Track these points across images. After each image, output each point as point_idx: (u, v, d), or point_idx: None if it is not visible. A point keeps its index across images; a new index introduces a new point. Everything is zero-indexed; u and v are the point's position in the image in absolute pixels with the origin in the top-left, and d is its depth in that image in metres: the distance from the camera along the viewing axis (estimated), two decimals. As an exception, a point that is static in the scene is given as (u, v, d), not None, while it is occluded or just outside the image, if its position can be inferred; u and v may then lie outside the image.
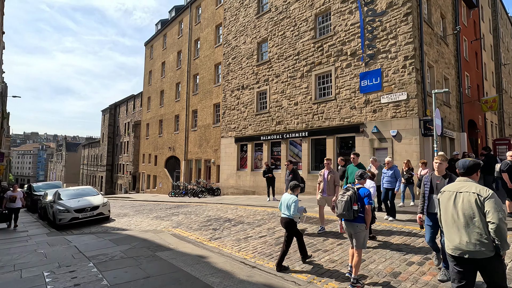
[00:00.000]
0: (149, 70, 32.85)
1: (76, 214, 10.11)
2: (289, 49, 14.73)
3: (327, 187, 6.63)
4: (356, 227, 4.07)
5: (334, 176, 6.65)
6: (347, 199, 4.05)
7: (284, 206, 4.89)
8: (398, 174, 7.22)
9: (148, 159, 31.06)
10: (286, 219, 4.84)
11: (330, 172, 6.69)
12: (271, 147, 15.64)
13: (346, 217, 4.06)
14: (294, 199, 4.81)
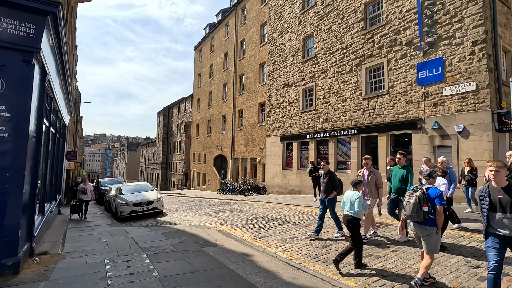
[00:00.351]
0: (198, 73, 34.46)
1: (134, 207, 11.01)
2: (336, 43, 14.07)
3: (368, 189, 5.98)
4: (425, 230, 3.72)
5: (376, 177, 6.00)
6: (415, 200, 3.67)
7: (347, 203, 4.74)
8: (454, 176, 6.25)
9: (198, 157, 32.62)
10: (349, 217, 4.65)
11: (370, 173, 6.06)
12: (318, 145, 15.13)
13: (416, 219, 3.71)
14: (358, 195, 4.66)
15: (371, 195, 6.00)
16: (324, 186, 6.50)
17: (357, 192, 4.74)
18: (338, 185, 6.54)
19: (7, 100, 4.23)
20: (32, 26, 4.26)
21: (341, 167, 13.73)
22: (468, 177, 7.46)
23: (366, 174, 6.07)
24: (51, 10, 4.37)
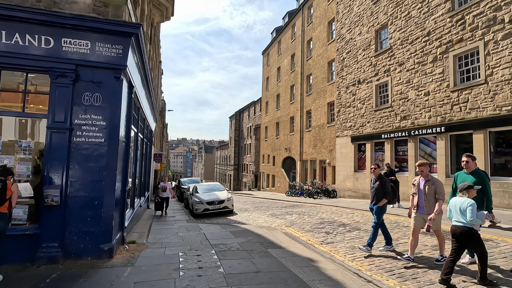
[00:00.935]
0: (266, 76, 35.26)
1: (208, 206, 11.85)
2: (416, 31, 12.51)
3: (426, 201, 4.90)
4: None
5: (435, 187, 4.83)
6: None
7: (457, 211, 4.07)
8: None
9: (267, 159, 33.29)
10: (462, 228, 3.95)
11: (428, 181, 4.90)
12: (395, 146, 13.68)
13: None
14: (469, 202, 3.93)
15: (429, 208, 4.86)
16: (374, 192, 5.79)
17: (468, 199, 4.00)
18: (390, 192, 5.76)
19: (103, 111, 5.05)
20: (119, 47, 5.00)
21: (424, 170, 12.07)
22: None
23: (422, 183, 5.00)
24: (134, 32, 5.06)
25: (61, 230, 4.78)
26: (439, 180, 5.00)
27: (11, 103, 5.18)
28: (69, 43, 4.83)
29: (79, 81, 4.96)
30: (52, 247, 4.70)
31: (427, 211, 4.84)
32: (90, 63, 4.94)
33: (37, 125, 5.23)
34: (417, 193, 5.05)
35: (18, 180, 4.94)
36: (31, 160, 5.05)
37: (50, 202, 4.70)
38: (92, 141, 4.99)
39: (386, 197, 5.67)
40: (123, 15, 5.20)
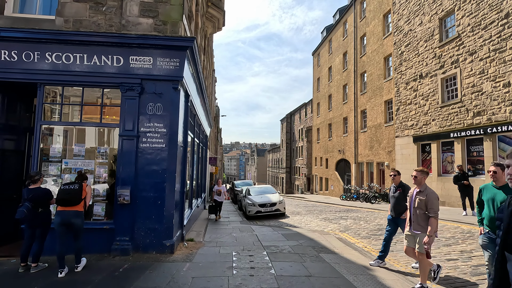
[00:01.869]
0: (317, 77, 34.49)
1: (260, 208, 12.05)
2: (491, 14, 10.96)
3: (414, 216, 4.18)
4: None
5: (426, 200, 4.06)
6: None
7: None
8: None
9: (319, 162, 32.43)
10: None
11: (419, 193, 4.16)
12: (467, 146, 12.12)
13: None
14: None
15: (417, 225, 4.14)
16: (394, 201, 5.17)
17: None
18: None
19: (164, 119, 5.58)
20: (177, 60, 5.48)
21: (506, 174, 10.43)
22: None
23: (414, 194, 4.26)
24: (189, 45, 5.49)
25: (131, 226, 5.40)
26: (433, 191, 4.17)
27: (91, 115, 6.05)
28: (135, 60, 5.46)
29: (144, 93, 5.57)
30: (124, 240, 5.33)
31: (414, 228, 4.17)
32: (152, 77, 5.51)
33: (112, 133, 6.01)
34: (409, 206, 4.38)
35: (97, 181, 5.74)
36: (107, 164, 5.82)
37: (122, 201, 5.35)
38: (155, 147, 5.54)
39: None
40: (179, 30, 5.69)
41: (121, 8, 5.65)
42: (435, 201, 4.10)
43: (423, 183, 4.23)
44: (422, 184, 4.23)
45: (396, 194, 5.21)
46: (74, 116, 5.98)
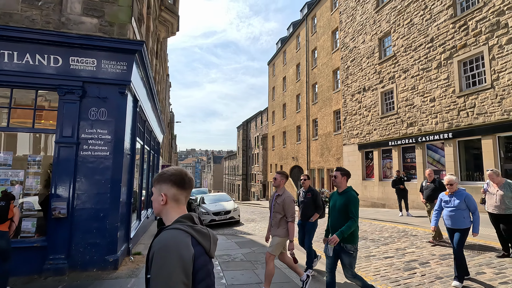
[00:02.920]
0: (272, 86, 35.55)
1: (214, 216, 11.87)
2: (419, 38, 12.52)
3: (274, 220, 4.14)
4: None
5: (283, 204, 4.03)
6: None
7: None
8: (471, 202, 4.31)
9: (274, 168, 33.20)
10: None
11: (278, 197, 4.13)
12: (403, 153, 13.51)
13: None
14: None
15: (275, 230, 4.09)
16: (303, 206, 5.27)
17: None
18: (322, 206, 5.29)
19: (108, 125, 5.23)
20: (124, 64, 5.21)
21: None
22: None
23: (275, 196, 4.23)
24: (137, 48, 5.27)
25: (67, 242, 4.90)
26: (291, 197, 4.14)
27: (25, 119, 5.42)
28: (76, 62, 5.06)
29: (86, 97, 5.17)
30: (59, 258, 4.81)
31: (273, 232, 4.13)
32: (96, 80, 5.15)
33: (49, 140, 5.44)
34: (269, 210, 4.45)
35: (27, 193, 5.12)
36: (40, 174, 5.24)
37: (57, 215, 4.84)
38: (98, 155, 5.15)
39: (319, 212, 5.25)
40: (127, 33, 5.44)
41: (60, 5, 5.21)
42: (292, 204, 4.08)
43: (282, 186, 4.20)
44: (281, 187, 4.20)
45: (306, 199, 5.31)
46: (2, 119, 5.29)
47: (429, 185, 7.00)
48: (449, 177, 4.54)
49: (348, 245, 3.45)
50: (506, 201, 5.06)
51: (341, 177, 3.66)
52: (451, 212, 4.41)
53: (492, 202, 5.23)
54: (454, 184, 4.49)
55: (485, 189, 5.44)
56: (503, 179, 5.22)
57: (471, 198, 4.36)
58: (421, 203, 11.73)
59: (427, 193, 6.97)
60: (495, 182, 5.22)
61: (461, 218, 4.32)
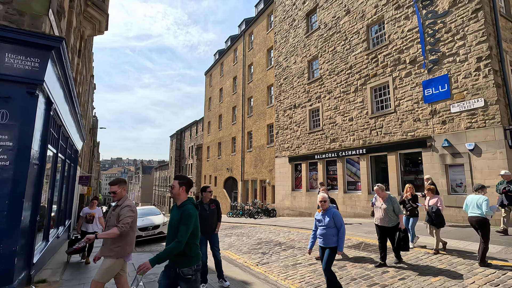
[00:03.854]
0: (209, 97, 35.37)
1: (140, 232, 10.96)
2: (341, 64, 14.20)
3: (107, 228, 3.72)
4: None
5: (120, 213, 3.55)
6: None
7: (472, 205, 5.33)
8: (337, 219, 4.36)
9: (209, 180, 32.66)
10: (478, 217, 5.18)
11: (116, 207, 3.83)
12: (327, 166, 14.87)
13: None
14: (484, 198, 5.22)
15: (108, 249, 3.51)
16: (208, 218, 5.12)
17: (484, 196, 5.31)
18: (218, 218, 5.38)
19: (11, 130, 4.42)
20: (36, 60, 4.53)
21: (351, 188, 13.35)
22: (410, 206, 6.62)
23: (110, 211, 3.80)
24: (55, 45, 4.66)
25: None
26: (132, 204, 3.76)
27: None
28: (-31, 51, 4.19)
29: (-20, 94, 4.29)
30: None
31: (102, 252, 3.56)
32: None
33: None
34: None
35: None
36: None
37: None
38: (-6, 164, 4.29)
39: (220, 220, 5.42)
40: (42, 26, 4.77)
41: (-50, -18, 4.29)
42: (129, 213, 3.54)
43: (123, 196, 3.78)
44: (122, 197, 3.77)
45: (211, 210, 5.22)
46: None
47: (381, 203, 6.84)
48: (321, 194, 4.53)
49: (184, 269, 2.85)
50: (389, 214, 5.46)
51: (178, 187, 3.02)
52: (323, 230, 4.40)
53: (378, 215, 5.61)
54: (327, 201, 4.48)
55: (373, 202, 5.82)
56: (387, 194, 5.62)
57: (338, 215, 4.41)
58: (343, 212, 13.02)
59: None
60: (381, 196, 5.62)
61: (331, 236, 4.30)
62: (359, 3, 13.46)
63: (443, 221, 6.04)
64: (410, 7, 11.14)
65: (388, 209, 5.47)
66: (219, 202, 5.57)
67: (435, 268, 5.26)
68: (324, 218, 4.41)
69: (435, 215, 6.06)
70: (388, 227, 5.51)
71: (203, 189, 5.35)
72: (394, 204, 5.47)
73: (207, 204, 5.26)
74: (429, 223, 6.22)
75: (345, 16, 14.18)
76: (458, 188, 9.43)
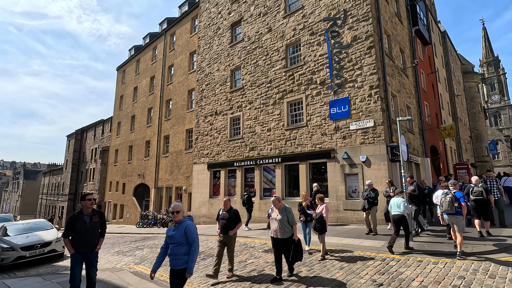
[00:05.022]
0: (120, 94, 32.03)
1: (23, 252, 8.92)
2: (262, 77, 15.07)
3: None
4: (457, 218, 6.08)
5: None
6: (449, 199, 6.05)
7: (395, 206, 6.77)
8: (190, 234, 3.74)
9: (115, 187, 29.27)
10: (398, 215, 6.67)
11: None
12: (245, 173, 15.36)
13: (450, 212, 6.09)
14: (402, 200, 6.73)
15: None
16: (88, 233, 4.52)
17: (401, 198, 6.84)
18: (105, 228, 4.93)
19: None
20: None
21: (267, 194, 14.13)
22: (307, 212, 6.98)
23: None
24: None
25: None
26: None
27: None
28: None
29: None
30: None
31: None
32: None
33: None
34: None
35: None
36: None
37: None
38: None
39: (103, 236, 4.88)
40: None
41: None
42: None
43: None
44: None
45: (90, 223, 4.56)
46: None
47: (225, 214, 6.08)
48: (175, 204, 3.84)
49: None
50: (283, 226, 5.32)
51: None
52: (174, 247, 3.65)
53: (274, 227, 5.45)
54: (180, 212, 3.80)
55: (269, 214, 5.66)
56: (283, 204, 5.53)
57: (191, 228, 3.70)
58: (258, 218, 13.63)
59: (223, 224, 6.01)
60: (277, 207, 5.49)
61: (181, 255, 3.61)
62: (280, 24, 14.66)
63: (324, 228, 6.56)
64: (322, 35, 12.78)
65: (283, 220, 5.37)
66: (104, 214, 4.87)
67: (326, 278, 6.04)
68: (176, 233, 3.68)
69: (318, 222, 6.55)
70: (282, 239, 5.36)
71: (82, 198, 4.60)
72: (288, 215, 5.40)
73: (87, 216, 4.52)
74: (314, 229, 6.74)
75: (267, 33, 15.19)
76: (353, 194, 11.15)
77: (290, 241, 5.38)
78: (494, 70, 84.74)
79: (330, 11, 12.67)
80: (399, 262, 5.92)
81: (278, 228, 5.41)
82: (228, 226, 5.97)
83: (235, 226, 6.02)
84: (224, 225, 6.01)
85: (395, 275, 5.20)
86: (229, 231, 5.95)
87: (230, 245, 6.03)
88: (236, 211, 6.20)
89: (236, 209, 6.29)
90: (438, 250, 6.39)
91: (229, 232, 5.95)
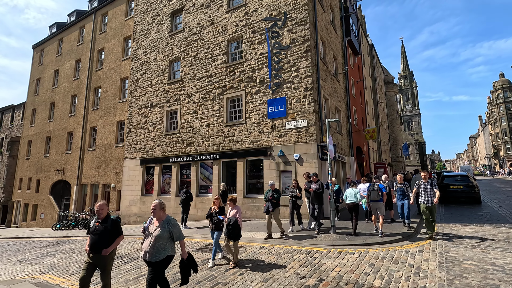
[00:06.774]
0: (37, 77, 27.67)
1: None
2: (202, 71, 14.60)
3: None
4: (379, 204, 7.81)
5: None
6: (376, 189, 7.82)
7: (350, 195, 7.89)
8: None
9: (27, 184, 25.24)
10: (354, 203, 7.80)
11: None
12: (181, 169, 14.73)
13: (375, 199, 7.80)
14: (357, 190, 7.97)
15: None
16: None
17: (356, 189, 8.03)
18: None
19: None
20: None
21: (203, 192, 13.80)
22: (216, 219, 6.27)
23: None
24: None
25: None
26: None
27: None
28: None
29: None
30: None
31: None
32: None
33: None
34: None
35: None
36: None
37: None
38: None
39: None
40: None
41: None
42: None
43: None
44: None
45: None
46: None
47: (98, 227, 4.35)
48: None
49: None
50: (158, 244, 3.86)
51: None
52: None
53: (145, 245, 3.91)
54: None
55: (145, 227, 4.08)
56: (166, 215, 4.12)
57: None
58: (194, 216, 13.20)
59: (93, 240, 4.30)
60: (156, 216, 4.03)
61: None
62: (222, 18, 14.38)
63: (239, 233, 5.82)
64: (263, 35, 12.95)
65: (161, 237, 3.88)
66: None
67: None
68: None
69: (232, 227, 5.73)
70: (152, 262, 3.84)
71: None
72: (173, 229, 3.97)
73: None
74: (226, 235, 5.83)
75: (209, 26, 14.76)
76: (287, 190, 11.59)
77: (164, 264, 3.91)
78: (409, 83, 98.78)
79: (271, 11, 12.90)
80: (321, 254, 6.32)
81: (150, 247, 3.85)
82: (102, 242, 4.19)
83: (112, 242, 4.27)
84: (94, 241, 4.21)
85: (317, 267, 5.51)
86: (102, 249, 4.18)
87: (105, 268, 4.28)
88: (115, 221, 4.40)
89: (117, 219, 4.48)
90: (357, 242, 7.04)
91: (103, 251, 4.17)
